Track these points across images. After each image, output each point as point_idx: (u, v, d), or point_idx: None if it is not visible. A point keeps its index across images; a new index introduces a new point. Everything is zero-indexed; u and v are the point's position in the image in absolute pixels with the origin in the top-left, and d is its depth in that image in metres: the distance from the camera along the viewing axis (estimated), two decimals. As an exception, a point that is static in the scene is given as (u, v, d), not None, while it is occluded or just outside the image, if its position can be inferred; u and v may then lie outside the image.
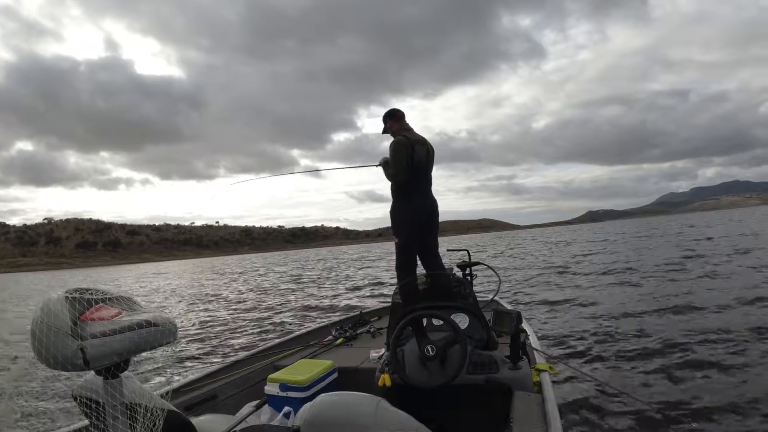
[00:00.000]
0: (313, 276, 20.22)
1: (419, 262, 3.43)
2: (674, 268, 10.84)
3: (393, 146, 3.33)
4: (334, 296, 11.89)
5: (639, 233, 34.84)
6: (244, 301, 12.50)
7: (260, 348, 3.33)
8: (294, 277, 20.24)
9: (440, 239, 3.60)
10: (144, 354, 0.97)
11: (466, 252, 3.98)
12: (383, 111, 3.60)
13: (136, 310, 1.00)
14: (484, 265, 3.69)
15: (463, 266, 3.64)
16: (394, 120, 3.51)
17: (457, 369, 1.98)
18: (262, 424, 2.02)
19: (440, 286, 2.87)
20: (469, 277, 3.62)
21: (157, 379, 5.23)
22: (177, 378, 4.99)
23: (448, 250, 4.65)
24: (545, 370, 2.26)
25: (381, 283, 14.13)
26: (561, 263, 15.37)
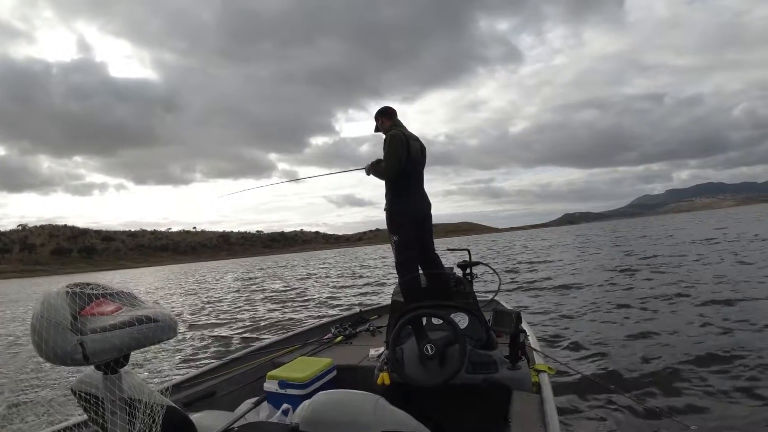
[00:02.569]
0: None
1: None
2: (668, 269, 10.84)
3: (388, 140, 3.30)
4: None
5: (623, 235, 34.91)
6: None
7: (259, 345, 3.34)
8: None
9: None
10: (144, 349, 0.97)
11: (466, 252, 3.98)
12: (361, 115, 3.62)
13: (137, 305, 1.00)
14: (485, 265, 3.68)
15: (463, 266, 3.64)
16: (386, 117, 3.51)
17: (456, 368, 1.98)
18: (260, 421, 2.03)
19: (440, 284, 2.87)
20: (469, 277, 3.62)
21: (157, 375, 5.24)
22: (176, 374, 4.99)
23: (448, 249, 4.65)
24: (544, 371, 2.26)
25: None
26: (556, 265, 15.37)
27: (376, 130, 3.61)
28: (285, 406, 2.25)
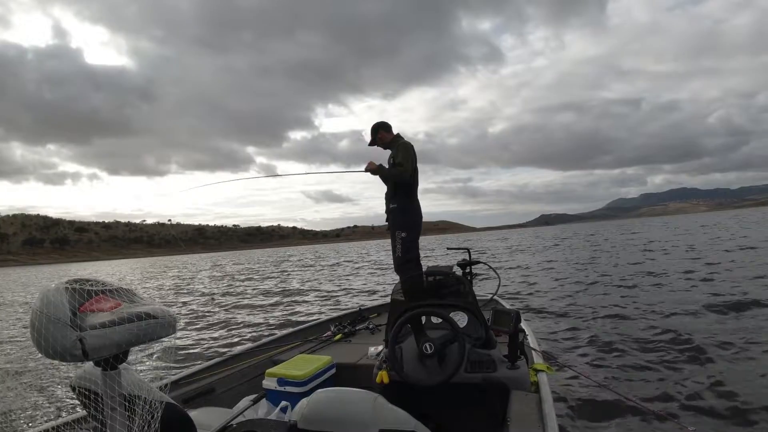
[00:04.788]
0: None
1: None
2: (664, 270, 10.84)
3: (404, 147, 3.55)
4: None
5: (609, 237, 34.79)
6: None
7: (259, 342, 3.34)
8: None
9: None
10: (143, 346, 0.97)
11: (466, 251, 3.98)
12: (341, 110, 3.76)
13: (136, 302, 1.00)
14: (485, 264, 3.69)
15: (463, 265, 3.64)
16: (387, 131, 3.73)
17: (455, 367, 1.98)
18: (259, 418, 2.03)
19: (440, 283, 2.89)
20: (468, 276, 3.62)
21: (156, 371, 5.24)
22: (175, 370, 4.99)
23: (448, 249, 4.66)
24: (543, 370, 2.26)
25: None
26: (553, 265, 15.37)
27: (372, 143, 3.77)
28: (284, 403, 2.25)
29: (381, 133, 3.69)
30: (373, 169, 3.60)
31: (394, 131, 3.69)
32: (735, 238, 20.28)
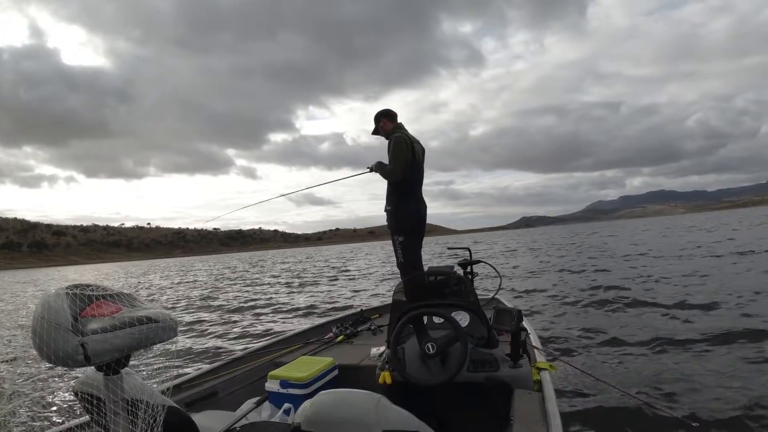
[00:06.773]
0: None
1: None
2: (665, 271, 10.83)
3: (394, 142, 3.28)
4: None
5: (606, 238, 34.76)
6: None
7: (261, 345, 3.34)
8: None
9: (380, 243, 3.55)
10: (145, 350, 0.97)
11: (467, 250, 3.97)
12: (322, 112, 3.55)
13: (137, 306, 1.00)
14: (486, 263, 3.68)
15: (464, 264, 3.63)
16: (388, 119, 3.47)
17: (457, 367, 1.98)
18: (262, 421, 2.03)
19: (441, 283, 2.87)
20: (470, 275, 3.61)
21: (158, 375, 5.23)
22: (178, 374, 4.98)
23: (448, 248, 4.65)
24: (546, 369, 2.25)
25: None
26: (552, 265, 15.36)
27: (375, 132, 3.57)
28: (287, 405, 2.25)
29: (383, 121, 3.47)
30: (373, 167, 3.45)
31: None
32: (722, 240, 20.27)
